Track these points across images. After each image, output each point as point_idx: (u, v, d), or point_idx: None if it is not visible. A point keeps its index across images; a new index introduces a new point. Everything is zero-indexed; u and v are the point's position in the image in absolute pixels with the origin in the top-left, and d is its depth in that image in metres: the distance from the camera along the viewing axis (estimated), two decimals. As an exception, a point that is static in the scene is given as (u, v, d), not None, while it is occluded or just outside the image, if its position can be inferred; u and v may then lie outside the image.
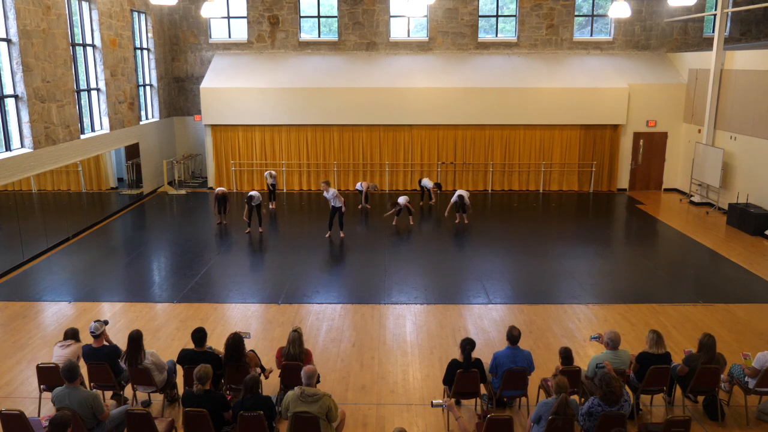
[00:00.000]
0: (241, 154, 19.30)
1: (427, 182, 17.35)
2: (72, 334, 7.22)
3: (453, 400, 7.03)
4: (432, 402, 5.95)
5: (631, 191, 19.56)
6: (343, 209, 14.00)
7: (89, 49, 15.65)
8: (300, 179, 19.56)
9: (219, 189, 15.28)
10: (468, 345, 6.74)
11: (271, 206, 17.03)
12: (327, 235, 14.21)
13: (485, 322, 9.78)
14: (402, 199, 15.08)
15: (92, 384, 7.07)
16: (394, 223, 15.34)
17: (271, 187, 16.85)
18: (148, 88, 19.32)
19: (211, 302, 10.59)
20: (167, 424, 6.36)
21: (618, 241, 14.76)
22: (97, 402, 6.11)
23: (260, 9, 19.89)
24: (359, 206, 17.05)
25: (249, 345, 7.42)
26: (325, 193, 14.00)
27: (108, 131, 16.14)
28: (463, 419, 6.00)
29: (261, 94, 18.62)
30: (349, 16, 19.93)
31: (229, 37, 20.37)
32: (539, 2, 19.76)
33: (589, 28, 20.32)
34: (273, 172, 16.92)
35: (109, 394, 7.38)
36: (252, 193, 14.45)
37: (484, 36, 20.32)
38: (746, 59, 15.95)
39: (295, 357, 6.95)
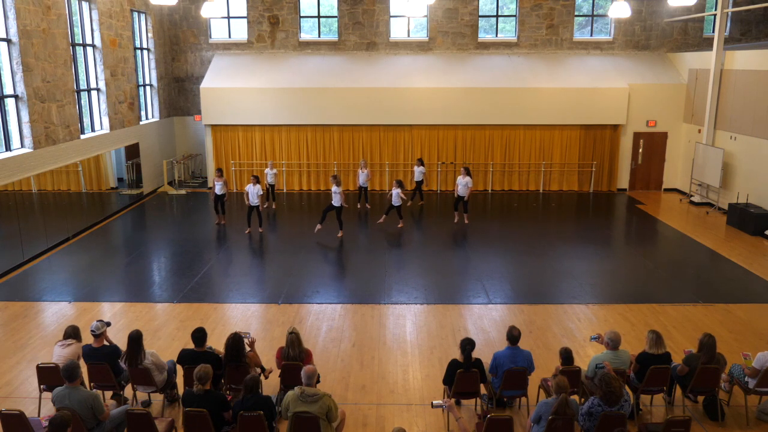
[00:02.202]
0: (241, 154, 19.30)
1: (420, 171, 16.95)
2: (72, 333, 7.21)
3: (453, 400, 7.03)
4: (432, 403, 5.94)
5: (631, 191, 19.56)
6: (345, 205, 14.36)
7: (89, 49, 15.65)
8: (300, 179, 19.55)
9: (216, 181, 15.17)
10: (468, 345, 6.74)
11: (272, 206, 17.01)
12: (339, 235, 14.29)
13: (485, 322, 9.78)
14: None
15: (92, 384, 7.07)
16: (401, 224, 15.22)
17: (269, 187, 16.83)
18: (148, 88, 19.32)
19: (211, 302, 10.59)
20: (167, 424, 6.36)
21: (618, 241, 14.76)
22: (97, 402, 6.11)
23: (260, 9, 19.89)
24: (358, 205, 17.06)
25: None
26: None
27: (108, 131, 16.14)
28: (463, 420, 6.00)
29: (261, 94, 18.62)
30: (349, 16, 19.93)
31: (229, 37, 20.37)
32: (539, 2, 19.76)
33: (589, 28, 20.32)
34: (275, 171, 16.80)
35: (109, 394, 7.38)
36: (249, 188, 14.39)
37: (484, 36, 20.32)
38: (746, 59, 15.95)
39: (294, 358, 6.95)
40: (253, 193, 14.28)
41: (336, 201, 14.01)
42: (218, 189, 15.13)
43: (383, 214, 15.44)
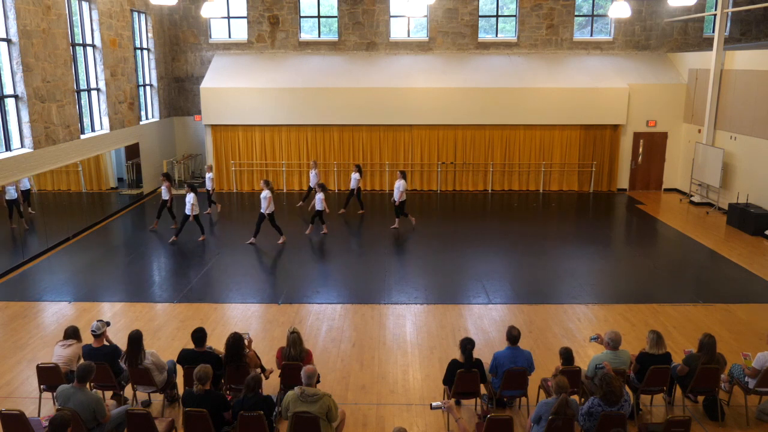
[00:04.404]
0: (241, 154, 19.30)
1: (355, 178, 16.09)
2: (72, 333, 7.23)
3: (453, 401, 7.03)
4: (431, 405, 5.94)
5: (631, 191, 19.56)
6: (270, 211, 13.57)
7: (89, 49, 15.65)
8: (300, 179, 19.54)
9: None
10: (468, 345, 6.74)
11: (217, 208, 16.69)
12: (250, 242, 13.78)
13: (485, 322, 9.78)
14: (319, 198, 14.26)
15: (92, 384, 7.07)
16: (325, 230, 14.56)
17: (210, 191, 16.36)
18: (148, 88, 19.32)
19: (211, 302, 10.59)
20: (167, 424, 6.36)
21: (618, 241, 14.76)
22: (99, 406, 6.11)
23: (260, 9, 19.89)
24: (299, 203, 16.77)
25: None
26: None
27: (108, 131, 16.14)
28: (462, 420, 6.00)
29: (261, 94, 18.62)
30: (349, 16, 19.93)
31: (229, 37, 20.36)
32: (539, 2, 19.75)
33: (589, 28, 20.31)
34: (210, 175, 16.27)
35: (109, 394, 7.38)
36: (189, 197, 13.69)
37: (484, 36, 20.32)
38: (746, 59, 15.95)
39: (295, 358, 6.96)
40: (187, 201, 13.69)
41: (263, 207, 13.45)
42: (164, 194, 14.58)
43: (309, 224, 14.69)
